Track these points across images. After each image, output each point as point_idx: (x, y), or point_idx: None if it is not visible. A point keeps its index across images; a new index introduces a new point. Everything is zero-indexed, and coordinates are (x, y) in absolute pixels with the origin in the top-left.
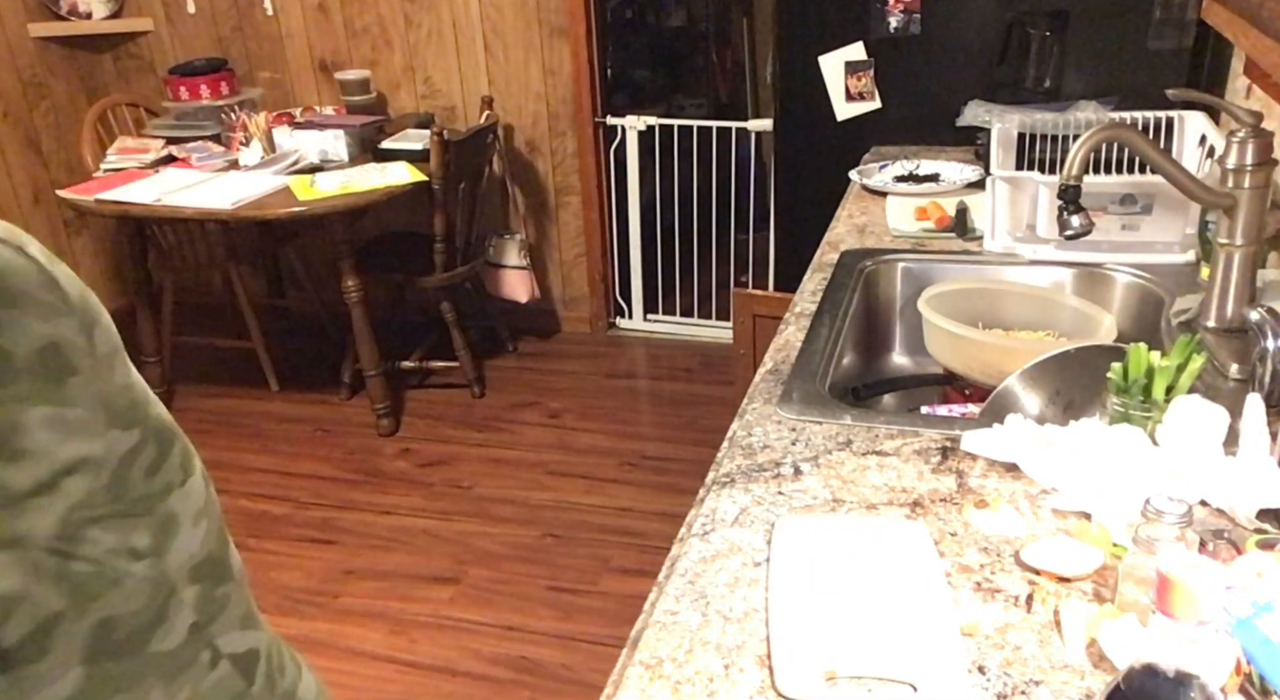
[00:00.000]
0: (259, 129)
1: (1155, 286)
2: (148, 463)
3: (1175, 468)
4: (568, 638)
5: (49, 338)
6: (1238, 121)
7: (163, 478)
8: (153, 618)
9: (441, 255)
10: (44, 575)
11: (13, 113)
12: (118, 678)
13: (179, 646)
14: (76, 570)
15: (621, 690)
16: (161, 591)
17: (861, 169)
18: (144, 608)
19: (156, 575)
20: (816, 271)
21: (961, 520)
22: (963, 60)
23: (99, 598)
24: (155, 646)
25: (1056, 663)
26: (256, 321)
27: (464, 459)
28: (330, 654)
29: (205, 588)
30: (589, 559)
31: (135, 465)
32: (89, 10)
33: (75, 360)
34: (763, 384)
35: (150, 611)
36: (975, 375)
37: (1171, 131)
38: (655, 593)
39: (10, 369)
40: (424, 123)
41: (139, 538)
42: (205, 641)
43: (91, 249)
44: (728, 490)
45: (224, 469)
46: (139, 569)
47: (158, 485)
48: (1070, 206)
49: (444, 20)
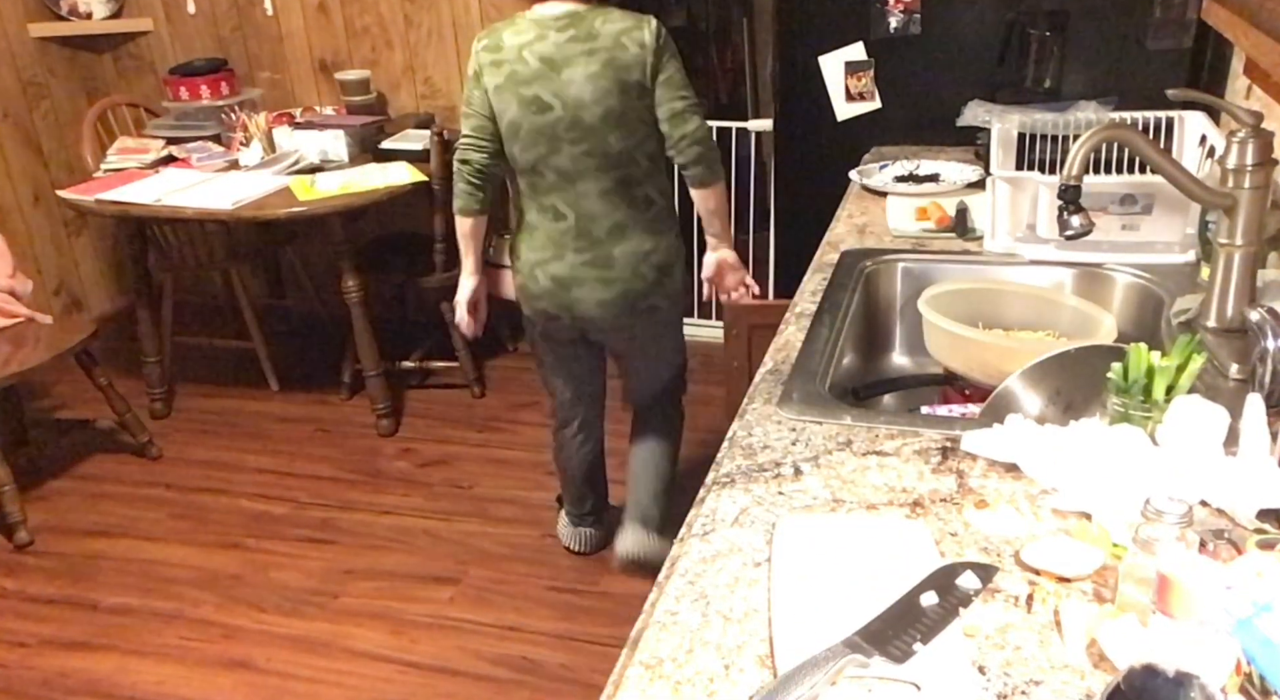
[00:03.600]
0: (259, 129)
1: (1155, 286)
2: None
3: (1175, 468)
4: (568, 638)
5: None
6: (1238, 121)
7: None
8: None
9: (441, 255)
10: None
11: (13, 113)
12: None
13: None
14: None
15: (622, 690)
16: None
17: (861, 169)
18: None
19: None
20: (816, 271)
21: (962, 520)
22: (963, 60)
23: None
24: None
25: (1057, 663)
26: (256, 321)
27: (464, 459)
28: (330, 654)
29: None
30: (589, 559)
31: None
32: (89, 10)
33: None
34: (763, 384)
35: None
36: (975, 375)
37: (1171, 131)
38: (655, 593)
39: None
40: (424, 123)
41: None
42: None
43: (91, 249)
44: (728, 490)
45: (224, 469)
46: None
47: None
48: (1070, 206)
49: (444, 20)
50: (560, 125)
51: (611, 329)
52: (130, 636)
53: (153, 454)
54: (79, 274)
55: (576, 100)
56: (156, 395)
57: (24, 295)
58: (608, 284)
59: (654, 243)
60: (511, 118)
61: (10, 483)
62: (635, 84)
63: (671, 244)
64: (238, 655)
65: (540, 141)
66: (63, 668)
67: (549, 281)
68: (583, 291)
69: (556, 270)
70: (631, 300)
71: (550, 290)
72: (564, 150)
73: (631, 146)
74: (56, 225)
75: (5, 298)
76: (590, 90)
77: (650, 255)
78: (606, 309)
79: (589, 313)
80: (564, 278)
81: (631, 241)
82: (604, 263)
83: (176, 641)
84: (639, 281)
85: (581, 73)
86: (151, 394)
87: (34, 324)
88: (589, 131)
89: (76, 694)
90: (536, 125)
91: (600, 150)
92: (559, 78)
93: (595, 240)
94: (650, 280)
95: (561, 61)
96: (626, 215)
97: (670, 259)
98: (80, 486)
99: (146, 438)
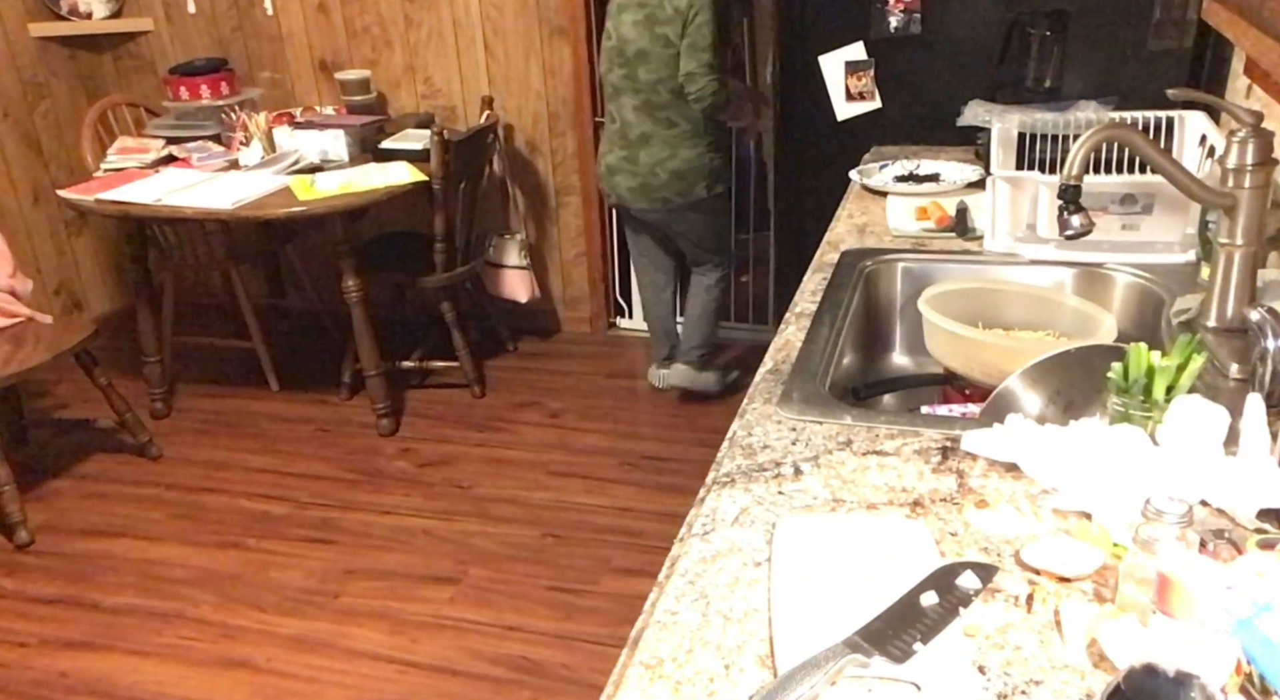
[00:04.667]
0: (259, 129)
1: (1155, 286)
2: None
3: (1175, 468)
4: (568, 638)
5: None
6: (1238, 121)
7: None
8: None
9: (441, 255)
10: None
11: (13, 113)
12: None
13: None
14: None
15: (622, 690)
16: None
17: (862, 169)
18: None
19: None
20: (816, 271)
21: (962, 520)
22: (963, 60)
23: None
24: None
25: (1057, 663)
26: (256, 321)
27: (464, 459)
28: (330, 654)
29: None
30: (589, 559)
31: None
32: (89, 10)
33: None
34: (763, 384)
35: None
36: (975, 375)
37: (1171, 131)
38: (655, 593)
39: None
40: (424, 123)
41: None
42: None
43: (91, 249)
44: (728, 490)
45: (224, 469)
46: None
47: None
48: (1070, 206)
49: (444, 20)
50: (614, 53)
51: (638, 209)
52: (130, 636)
53: (153, 454)
54: (79, 274)
55: (623, 37)
56: (156, 395)
57: (24, 295)
58: (633, 176)
59: (671, 153)
60: (604, 38)
61: (10, 483)
62: (661, 36)
63: (688, 158)
64: (237, 655)
65: (605, 62)
66: (63, 668)
67: (604, 169)
68: (620, 179)
69: (609, 160)
70: (648, 192)
71: (604, 175)
72: (615, 72)
73: (654, 80)
74: (56, 225)
75: (5, 298)
76: (632, 32)
77: (666, 162)
78: (634, 194)
79: (623, 196)
80: (611, 166)
81: (653, 149)
82: (633, 160)
83: (176, 641)
84: (654, 180)
85: (630, 18)
86: (151, 394)
87: (34, 324)
88: (627, 61)
89: (76, 694)
90: (606, 49)
91: (634, 77)
92: (619, 18)
93: (629, 142)
94: (663, 180)
95: (623, 7)
96: (651, 129)
97: (684, 168)
98: (80, 486)
99: (146, 438)
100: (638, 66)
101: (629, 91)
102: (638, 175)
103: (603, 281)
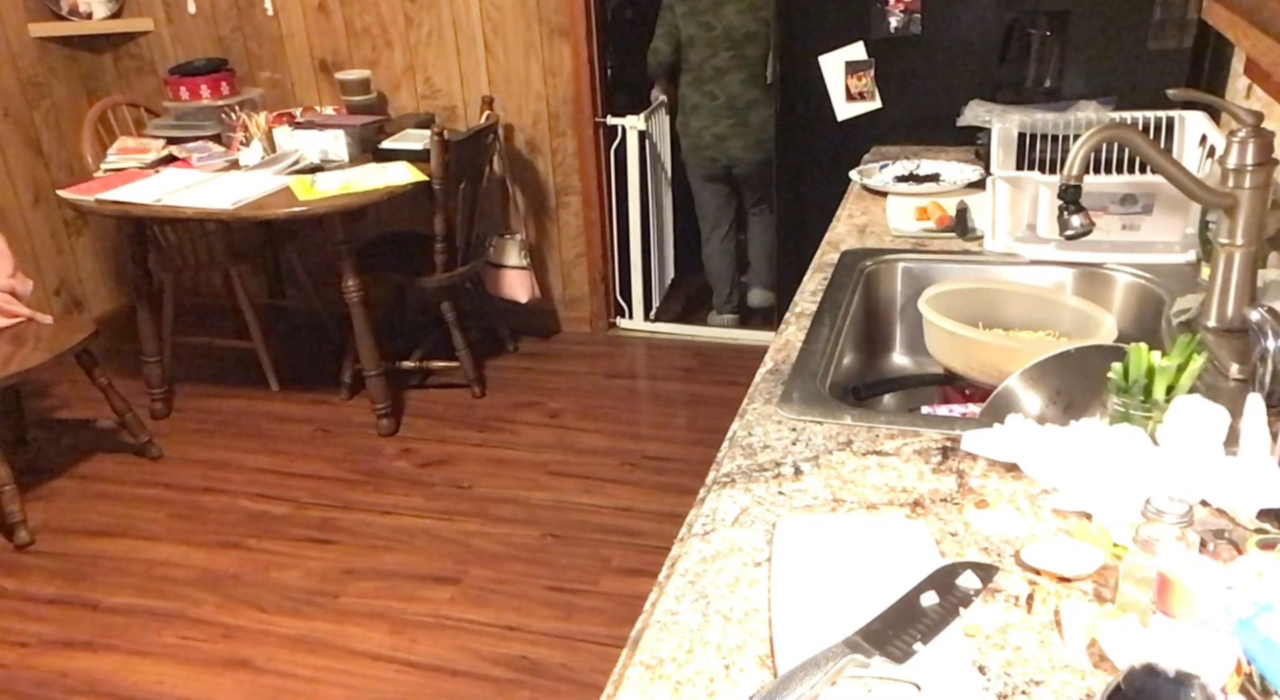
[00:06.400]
0: (259, 129)
1: (1155, 286)
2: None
3: (1175, 468)
4: (568, 638)
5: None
6: (1238, 121)
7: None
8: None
9: (442, 255)
10: None
11: (13, 113)
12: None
13: None
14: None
15: (622, 690)
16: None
17: (862, 169)
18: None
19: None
20: (816, 271)
21: (962, 520)
22: (963, 60)
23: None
24: None
25: (1057, 663)
26: (256, 321)
27: (464, 459)
28: (330, 654)
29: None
30: (589, 559)
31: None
32: (89, 10)
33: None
34: (763, 384)
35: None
36: (975, 375)
37: (1172, 131)
38: (656, 593)
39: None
40: (424, 123)
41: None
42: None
43: (91, 249)
44: (728, 490)
45: (224, 469)
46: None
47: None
48: (1071, 206)
49: (444, 20)
50: (720, 39)
51: (752, 164)
52: (130, 636)
53: (153, 454)
54: (79, 274)
55: (731, 24)
56: (156, 395)
57: (24, 295)
58: (746, 135)
59: (769, 113)
60: (689, 33)
61: (10, 483)
62: (764, 19)
63: (771, 115)
64: (238, 655)
65: (702, 49)
66: (63, 668)
67: (711, 139)
68: (732, 143)
69: (716, 131)
70: (762, 145)
71: (712, 144)
72: (720, 55)
73: (760, 55)
74: (56, 225)
75: (5, 298)
76: (738, 19)
77: (768, 121)
78: (749, 151)
79: (738, 156)
80: (721, 135)
81: (759, 111)
82: (745, 124)
83: (176, 641)
84: (764, 135)
85: (734, 8)
86: (151, 394)
87: (34, 324)
88: (735, 43)
89: (76, 694)
90: (702, 38)
91: (742, 55)
92: (720, 11)
93: (738, 111)
94: (770, 135)
95: (720, 3)
96: (757, 95)
97: (772, 124)
98: (80, 486)
99: (146, 438)
100: (746, 46)
101: (736, 68)
102: (750, 134)
103: (603, 281)
